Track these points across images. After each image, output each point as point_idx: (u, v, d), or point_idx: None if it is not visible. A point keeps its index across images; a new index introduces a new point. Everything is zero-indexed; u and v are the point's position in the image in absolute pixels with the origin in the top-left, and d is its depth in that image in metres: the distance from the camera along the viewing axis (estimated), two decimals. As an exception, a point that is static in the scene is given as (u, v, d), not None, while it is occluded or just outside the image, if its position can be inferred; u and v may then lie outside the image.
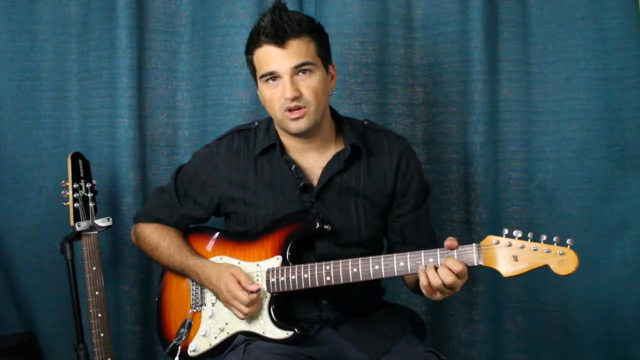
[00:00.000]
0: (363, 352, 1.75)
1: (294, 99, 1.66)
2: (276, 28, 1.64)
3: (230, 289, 1.71)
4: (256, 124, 1.86)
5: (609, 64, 2.28)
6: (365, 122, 1.88)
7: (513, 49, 2.34)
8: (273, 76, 1.68)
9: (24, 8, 2.34)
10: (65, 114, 2.39)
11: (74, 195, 2.07)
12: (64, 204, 2.09)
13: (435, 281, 1.52)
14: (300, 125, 1.69)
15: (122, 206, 2.34)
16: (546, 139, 2.35)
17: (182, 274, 1.87)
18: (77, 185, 2.07)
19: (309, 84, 1.68)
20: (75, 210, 2.06)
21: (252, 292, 1.69)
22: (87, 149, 2.30)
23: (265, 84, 1.70)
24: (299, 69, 1.67)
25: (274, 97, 1.69)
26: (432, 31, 2.37)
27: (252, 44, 1.71)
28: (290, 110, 1.67)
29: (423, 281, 1.55)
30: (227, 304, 1.74)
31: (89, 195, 2.09)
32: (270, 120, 1.82)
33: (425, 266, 1.55)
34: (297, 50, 1.66)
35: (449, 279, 1.51)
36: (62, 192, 2.09)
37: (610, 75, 2.28)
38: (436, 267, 1.54)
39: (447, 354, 2.07)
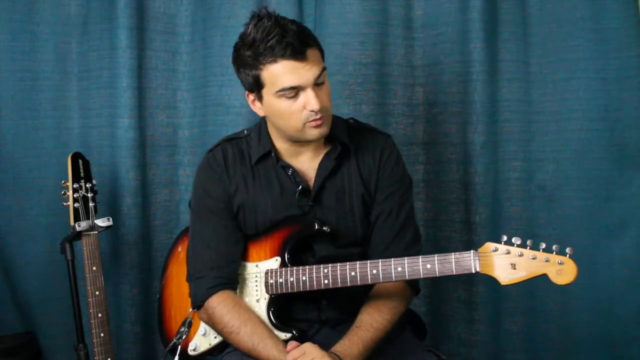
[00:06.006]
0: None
1: (320, 110, 1.63)
2: (294, 41, 1.57)
3: None
4: (245, 132, 1.84)
5: (609, 64, 2.27)
6: (351, 121, 1.87)
7: (513, 49, 2.34)
8: (296, 91, 1.62)
9: (24, 8, 2.34)
10: (65, 114, 2.39)
11: (74, 195, 2.08)
12: (64, 204, 2.10)
13: None
14: (323, 130, 1.68)
15: (122, 206, 2.34)
16: (546, 139, 2.34)
17: None
18: (77, 185, 2.08)
19: (324, 91, 1.66)
20: (76, 210, 2.07)
21: None
22: (87, 149, 2.30)
23: (280, 98, 1.63)
24: (317, 78, 1.63)
25: (293, 109, 1.64)
26: (432, 31, 2.37)
27: (261, 58, 1.60)
28: (314, 120, 1.65)
29: None
30: None
31: (89, 195, 2.10)
32: (260, 128, 1.81)
33: None
34: (314, 60, 1.62)
35: None
36: (62, 192, 2.10)
37: (610, 75, 2.27)
38: None
39: (447, 354, 2.07)
